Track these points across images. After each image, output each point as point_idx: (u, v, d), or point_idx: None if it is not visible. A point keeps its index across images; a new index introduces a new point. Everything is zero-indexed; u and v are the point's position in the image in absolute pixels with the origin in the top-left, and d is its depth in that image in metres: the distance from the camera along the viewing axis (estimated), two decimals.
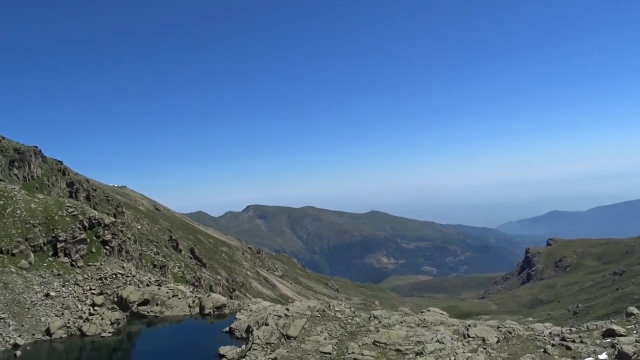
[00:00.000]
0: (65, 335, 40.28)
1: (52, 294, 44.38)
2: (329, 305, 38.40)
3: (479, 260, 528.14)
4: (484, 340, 30.51)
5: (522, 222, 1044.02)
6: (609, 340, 27.61)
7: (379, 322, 35.36)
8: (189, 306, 45.75)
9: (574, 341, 28.31)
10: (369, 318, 36.56)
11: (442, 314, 38.74)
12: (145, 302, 45.66)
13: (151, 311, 45.09)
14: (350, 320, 35.74)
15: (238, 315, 40.99)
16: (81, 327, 41.08)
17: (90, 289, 46.67)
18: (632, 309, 34.04)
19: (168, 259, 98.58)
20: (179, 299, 46.66)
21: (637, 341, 26.43)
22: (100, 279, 48.61)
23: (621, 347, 25.06)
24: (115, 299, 46.15)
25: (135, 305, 45.31)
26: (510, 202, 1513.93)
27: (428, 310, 39.50)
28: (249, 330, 36.64)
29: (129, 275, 50.41)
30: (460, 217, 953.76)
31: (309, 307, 37.75)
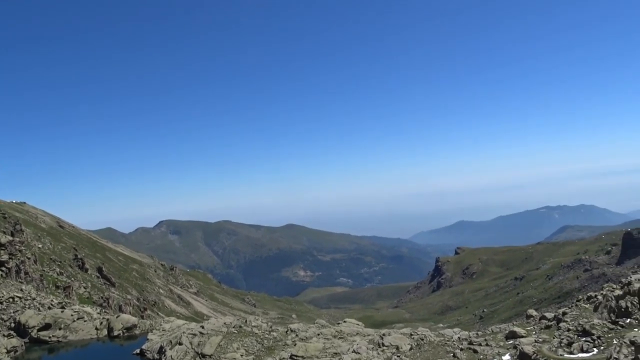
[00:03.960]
0: None
1: None
2: (246, 321, 37.94)
3: (392, 270, 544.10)
4: (397, 348, 31.44)
5: (433, 232, 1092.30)
6: (512, 341, 29.51)
7: (296, 335, 35.40)
8: (96, 328, 43.28)
9: (480, 344, 29.99)
10: (286, 332, 36.51)
11: (357, 324, 39.48)
12: (46, 327, 42.60)
13: (53, 336, 42.13)
14: (267, 335, 35.48)
15: (150, 336, 39.31)
16: None
17: None
18: (531, 311, 36.77)
19: (73, 279, 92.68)
20: (85, 321, 44.02)
21: (536, 341, 28.47)
22: None
23: (522, 348, 26.85)
24: (13, 325, 42.66)
25: (35, 331, 42.13)
26: (421, 213, 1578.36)
27: (344, 322, 40.12)
28: (161, 350, 35.25)
29: (28, 298, 46.99)
30: (375, 229, 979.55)
31: (224, 323, 37.05)
